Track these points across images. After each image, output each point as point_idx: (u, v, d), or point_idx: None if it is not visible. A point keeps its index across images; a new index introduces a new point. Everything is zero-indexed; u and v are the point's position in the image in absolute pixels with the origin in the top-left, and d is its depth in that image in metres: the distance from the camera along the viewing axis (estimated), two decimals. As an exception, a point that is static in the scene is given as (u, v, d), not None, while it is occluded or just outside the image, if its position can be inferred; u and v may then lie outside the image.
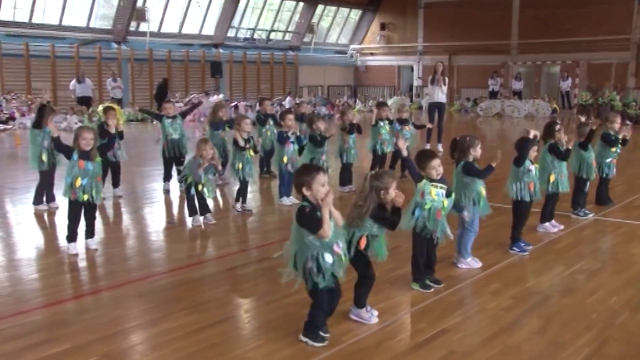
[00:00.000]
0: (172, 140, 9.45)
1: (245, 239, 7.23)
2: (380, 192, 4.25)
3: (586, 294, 5.15)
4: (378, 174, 4.32)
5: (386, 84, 34.14)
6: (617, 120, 8.32)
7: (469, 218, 5.70)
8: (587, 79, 27.38)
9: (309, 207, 3.88)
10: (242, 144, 7.92)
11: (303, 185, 3.91)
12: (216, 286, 5.31)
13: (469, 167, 5.71)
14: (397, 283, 5.22)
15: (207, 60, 27.29)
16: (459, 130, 19.73)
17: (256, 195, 9.41)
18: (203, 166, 7.15)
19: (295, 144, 8.54)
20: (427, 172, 5.03)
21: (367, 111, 28.28)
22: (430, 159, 5.04)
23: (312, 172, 3.94)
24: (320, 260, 3.90)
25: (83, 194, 6.12)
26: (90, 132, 6.27)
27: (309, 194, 3.90)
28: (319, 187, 3.89)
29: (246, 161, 7.96)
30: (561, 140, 7.03)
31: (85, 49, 23.45)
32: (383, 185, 4.25)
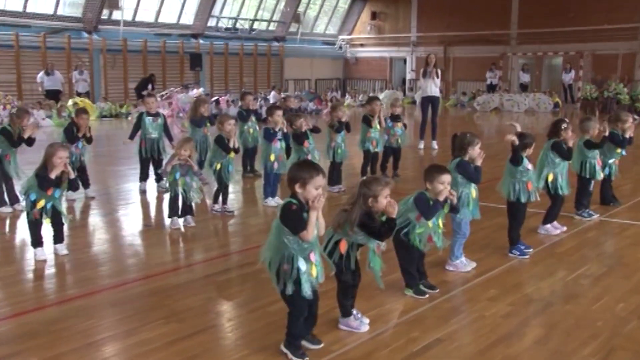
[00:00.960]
0: (151, 139, 9.37)
1: (227, 242, 7.22)
2: (369, 200, 4.24)
3: (591, 300, 5.18)
4: (368, 181, 4.31)
5: (377, 77, 34.21)
6: (628, 120, 8.25)
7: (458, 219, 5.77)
8: (591, 71, 27.53)
9: (296, 204, 3.86)
10: (231, 145, 7.85)
11: (297, 182, 3.87)
12: (196, 293, 5.29)
13: (464, 166, 5.74)
14: (389, 289, 5.23)
15: (186, 51, 27.20)
16: (454, 127, 19.79)
17: (239, 196, 9.40)
18: (171, 162, 7.16)
19: (282, 142, 8.54)
20: (433, 186, 5.03)
21: (358, 106, 28.34)
22: (441, 173, 5.05)
23: (312, 171, 3.90)
24: (294, 265, 3.89)
25: (46, 217, 6.11)
26: (65, 150, 6.07)
27: (300, 192, 3.88)
28: (312, 189, 3.87)
29: (226, 162, 7.94)
30: (567, 140, 7.07)
31: (53, 39, 23.28)
32: (372, 192, 4.23)
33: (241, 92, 14.33)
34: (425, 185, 5.09)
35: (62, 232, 6.36)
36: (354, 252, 4.36)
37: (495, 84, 29.36)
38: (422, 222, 5.03)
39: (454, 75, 31.71)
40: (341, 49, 34.90)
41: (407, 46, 33.19)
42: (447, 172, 5.10)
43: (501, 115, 24.98)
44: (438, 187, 5.01)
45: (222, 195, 8.11)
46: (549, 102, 26.06)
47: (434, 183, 5.02)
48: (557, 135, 7.16)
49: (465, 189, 5.74)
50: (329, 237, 4.36)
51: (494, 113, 25.80)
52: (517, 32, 29.93)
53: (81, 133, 8.55)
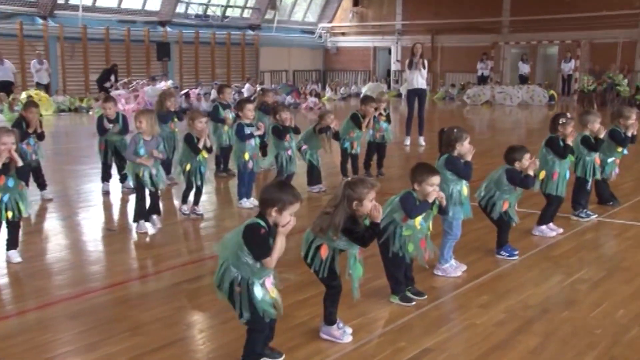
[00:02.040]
0: (110, 142, 9.24)
1: (198, 247, 7.19)
2: (353, 203, 4.23)
3: (589, 306, 5.22)
4: (353, 182, 4.29)
5: (360, 68, 34.29)
6: (632, 116, 8.21)
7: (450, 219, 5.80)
8: (589, 60, 27.77)
9: (264, 229, 3.79)
10: (201, 145, 7.78)
11: (275, 206, 3.79)
12: (164, 303, 5.26)
13: (453, 162, 5.77)
14: (373, 296, 5.23)
15: (153, 40, 27.06)
16: (442, 121, 19.88)
17: (212, 197, 9.36)
18: (135, 139, 7.13)
19: (256, 138, 8.52)
20: (421, 187, 5.03)
21: (339, 99, 28.38)
22: (430, 174, 5.05)
23: (293, 197, 3.84)
24: (249, 289, 3.85)
25: (5, 211, 6.02)
26: (10, 136, 5.91)
27: (274, 217, 3.81)
28: (287, 216, 3.83)
29: (197, 163, 7.88)
30: (566, 137, 7.10)
31: (3, 25, 23.00)
32: (356, 195, 4.22)
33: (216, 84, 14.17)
34: (413, 186, 5.10)
35: (16, 237, 6.28)
36: (336, 256, 4.36)
37: (487, 75, 29.55)
38: (408, 224, 5.03)
39: (442, 66, 31.88)
40: (321, 38, 34.94)
41: (392, 35, 33.31)
42: (436, 173, 5.10)
43: (493, 109, 25.15)
44: (427, 189, 5.02)
45: (194, 197, 8.07)
46: (544, 94, 26.27)
47: (423, 185, 5.02)
48: (555, 130, 7.20)
49: (455, 186, 5.77)
50: (309, 241, 4.35)
51: (485, 107, 25.97)
52: (509, 19, 30.17)
53: (31, 129, 8.37)
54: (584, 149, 7.73)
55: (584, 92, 24.18)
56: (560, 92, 28.02)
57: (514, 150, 6.42)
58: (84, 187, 10.06)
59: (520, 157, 6.32)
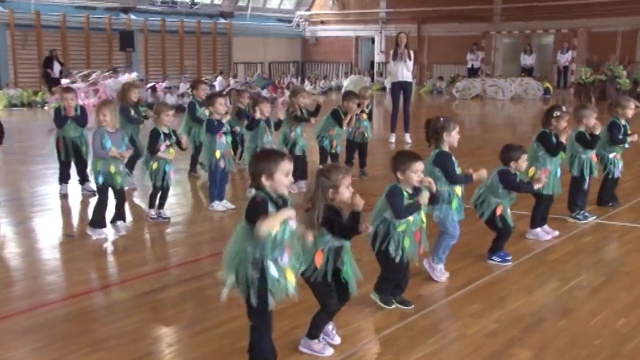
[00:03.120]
0: (69, 139, 9.16)
1: (166, 254, 7.15)
2: (329, 192, 4.24)
3: (588, 315, 5.26)
4: (326, 169, 4.32)
5: (341, 59, 34.34)
6: (630, 105, 8.36)
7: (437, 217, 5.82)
8: (587, 51, 27.99)
9: (262, 196, 3.85)
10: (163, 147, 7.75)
11: (262, 173, 3.87)
12: (129, 315, 5.23)
13: (443, 159, 5.78)
14: (357, 305, 5.24)
15: (115, 28, 26.91)
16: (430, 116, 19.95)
17: (181, 200, 9.32)
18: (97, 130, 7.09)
19: (228, 135, 8.49)
20: (405, 176, 5.04)
21: (318, 93, 28.40)
22: (413, 160, 5.05)
23: (276, 157, 3.93)
24: (265, 271, 3.86)
25: None
26: None
27: (269, 184, 3.88)
28: (282, 177, 3.89)
29: (163, 162, 7.85)
30: (559, 132, 7.16)
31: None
32: (331, 182, 4.23)
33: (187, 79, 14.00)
34: (396, 176, 5.10)
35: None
36: (331, 262, 4.33)
37: (477, 67, 29.69)
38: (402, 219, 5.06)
39: (430, 57, 32.01)
40: (299, 27, 34.94)
41: (376, 24, 33.40)
42: (419, 159, 5.10)
43: (484, 103, 25.30)
44: (411, 177, 5.02)
45: (160, 199, 8.04)
46: (538, 87, 26.45)
47: (407, 173, 5.02)
48: (548, 124, 7.25)
49: (445, 186, 5.77)
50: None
51: (475, 101, 26.12)
52: (501, 6, 30.33)
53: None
54: (579, 146, 7.76)
55: (581, 85, 24.39)
56: (555, 85, 28.22)
57: (510, 149, 6.45)
58: (39, 189, 9.97)
59: (517, 157, 6.36)
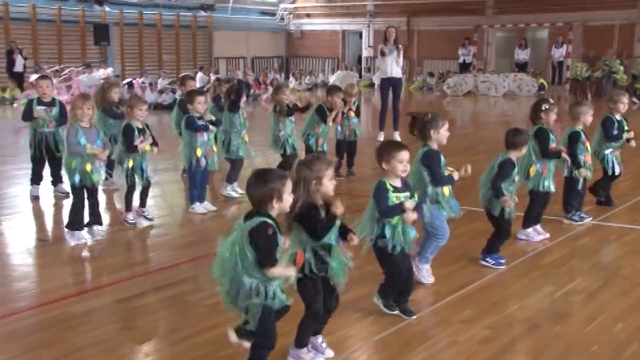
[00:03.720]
0: (42, 134, 9.11)
1: (144, 259, 7.12)
2: (312, 184, 4.23)
3: (584, 320, 5.28)
4: (308, 161, 4.31)
5: (327, 54, 34.33)
6: (622, 100, 8.43)
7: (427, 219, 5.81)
8: (582, 45, 28.10)
9: (272, 226, 3.83)
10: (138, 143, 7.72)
11: (272, 198, 3.86)
12: (104, 324, 5.21)
13: (430, 159, 5.74)
14: (346, 310, 5.23)
15: (89, 21, 26.78)
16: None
17: (159, 201, 9.28)
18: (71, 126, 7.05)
19: (209, 133, 8.45)
20: (390, 165, 5.04)
21: (303, 90, 28.39)
22: (398, 149, 5.04)
23: (282, 178, 3.92)
24: (268, 291, 3.90)
25: None
26: None
27: (277, 207, 3.89)
28: (289, 197, 3.92)
29: (140, 158, 7.83)
30: (550, 124, 7.20)
31: None
32: (314, 174, 4.23)
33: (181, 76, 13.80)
34: (381, 167, 5.09)
35: None
36: (318, 262, 4.31)
37: (469, 62, 29.75)
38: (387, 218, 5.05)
39: (420, 52, 32.06)
40: (283, 21, 34.91)
41: (363, 17, 33.41)
42: (404, 148, 5.09)
43: (476, 100, 25.35)
44: (396, 167, 5.01)
45: (140, 198, 8.03)
46: (532, 83, 26.54)
47: (392, 162, 5.01)
48: (538, 118, 7.28)
49: (432, 187, 5.77)
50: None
51: (467, 97, 26.16)
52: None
53: None
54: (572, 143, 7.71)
55: (577, 81, 24.49)
56: (550, 81, 28.32)
57: (518, 132, 6.45)
58: (8, 191, 9.91)
59: (525, 142, 6.39)
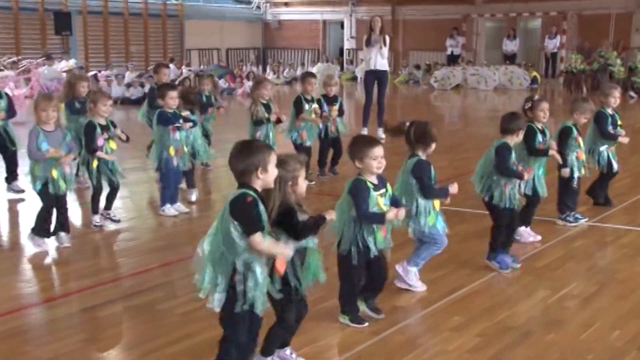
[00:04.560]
0: None
1: (111, 265, 7.08)
2: (288, 184, 4.26)
3: (579, 327, 5.32)
4: (282, 160, 4.30)
5: (307, 45, 34.27)
6: (614, 93, 8.51)
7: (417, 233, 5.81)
8: (577, 36, 28.22)
9: (252, 197, 3.88)
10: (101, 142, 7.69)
11: (257, 168, 3.93)
12: (67, 335, 5.17)
13: (421, 170, 5.70)
14: (325, 319, 5.25)
15: (49, 9, 26.59)
16: (406, 109, 20.05)
17: (127, 203, 9.21)
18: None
19: (181, 130, 8.41)
20: (364, 163, 5.06)
21: (282, 83, 28.36)
22: (370, 146, 5.07)
23: (264, 149, 4.00)
24: (251, 272, 3.91)
25: None
26: None
27: (262, 178, 3.95)
28: (273, 169, 3.99)
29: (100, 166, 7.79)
30: (539, 120, 7.24)
31: None
32: (290, 174, 4.27)
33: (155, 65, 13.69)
34: (355, 164, 5.12)
35: None
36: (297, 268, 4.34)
37: (457, 54, 29.79)
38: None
39: (405, 43, 32.04)
40: (259, 10, 34.82)
41: (345, 6, 33.36)
42: (378, 144, 5.12)
43: (465, 94, 25.40)
44: (370, 164, 5.04)
45: (107, 199, 8.00)
46: (524, 76, 26.60)
47: (365, 160, 5.04)
48: (527, 116, 7.30)
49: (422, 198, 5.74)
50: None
51: (455, 91, 26.20)
52: (483, -13, 30.48)
53: None
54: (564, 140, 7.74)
55: (571, 74, 24.49)
56: (543, 74, 28.41)
57: (514, 117, 6.46)
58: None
59: (523, 126, 6.41)
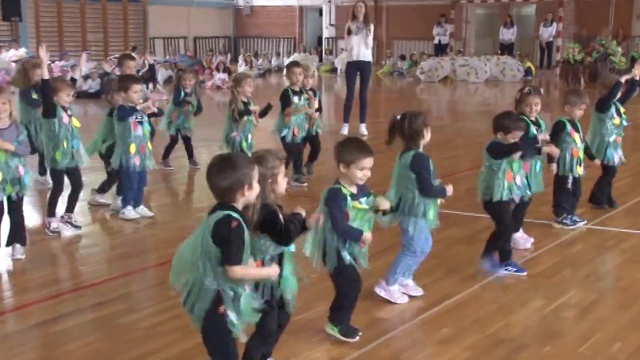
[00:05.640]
0: None
1: (68, 274, 7.07)
2: (268, 183, 4.28)
3: (577, 339, 5.34)
4: (260, 157, 4.34)
5: (282, 34, 34.27)
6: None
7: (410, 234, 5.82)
8: (574, 24, 28.37)
9: (237, 220, 3.86)
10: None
11: (243, 185, 3.91)
12: (19, 352, 5.15)
13: (420, 165, 5.68)
14: (304, 331, 5.25)
15: (-4, -7, 26.49)
16: (390, 103, 20.06)
17: (85, 206, 9.16)
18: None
19: (144, 126, 8.38)
20: (349, 170, 5.04)
21: (255, 76, 28.32)
22: (362, 155, 5.04)
23: (248, 164, 3.98)
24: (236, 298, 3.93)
25: None
26: None
27: (246, 197, 3.94)
28: (257, 185, 3.99)
29: (63, 155, 7.76)
30: (530, 114, 7.27)
31: None
32: (269, 171, 4.29)
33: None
34: (338, 167, 5.09)
35: None
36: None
37: (445, 43, 29.85)
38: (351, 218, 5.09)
39: (389, 32, 32.09)
40: (230, -6, 34.80)
41: (324, -9, 33.43)
42: (370, 154, 5.09)
43: (454, 87, 25.46)
44: (355, 174, 5.03)
45: (68, 202, 7.95)
46: (517, 67, 26.69)
47: (352, 168, 5.02)
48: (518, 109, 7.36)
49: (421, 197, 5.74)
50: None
51: (443, 84, 26.25)
52: (473, -30, 30.59)
53: None
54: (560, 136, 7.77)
55: (568, 64, 24.63)
56: (538, 65, 28.53)
57: (506, 117, 6.51)
58: None
59: (515, 127, 6.39)
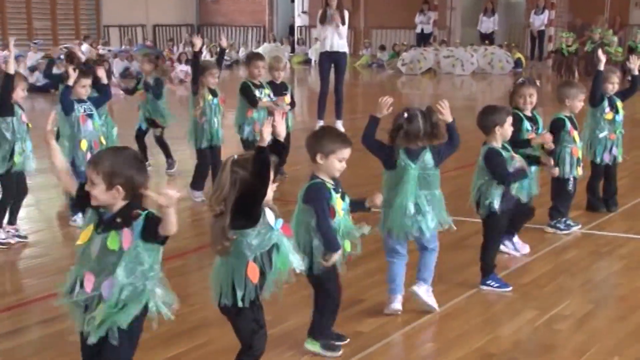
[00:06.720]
0: None
1: (14, 288, 7.07)
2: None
3: (572, 353, 5.39)
4: (241, 159, 4.36)
5: (250, 22, 34.23)
6: (612, 79, 8.62)
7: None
8: (568, 12, 28.55)
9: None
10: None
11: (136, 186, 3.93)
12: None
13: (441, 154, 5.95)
14: (279, 345, 5.25)
15: None
16: (369, 97, 20.09)
17: (32, 212, 9.11)
18: None
19: (95, 119, 8.34)
20: (328, 161, 5.08)
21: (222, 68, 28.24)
22: (342, 145, 5.11)
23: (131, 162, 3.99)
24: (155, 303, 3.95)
25: None
26: None
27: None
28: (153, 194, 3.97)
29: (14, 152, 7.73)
30: (524, 108, 7.34)
31: None
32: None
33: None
34: (315, 159, 5.13)
35: None
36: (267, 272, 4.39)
37: (428, 33, 29.89)
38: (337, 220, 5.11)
39: (367, 20, 32.14)
40: (191, -21, 34.72)
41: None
42: (350, 145, 5.15)
43: (438, 80, 25.54)
44: (334, 165, 5.08)
45: (10, 211, 7.90)
46: (507, 58, 26.81)
47: (331, 158, 5.07)
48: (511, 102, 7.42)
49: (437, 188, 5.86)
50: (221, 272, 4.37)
51: (427, 76, 26.31)
52: (458, -47, 30.71)
53: None
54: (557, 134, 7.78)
55: (561, 55, 24.76)
56: (529, 55, 28.67)
57: (492, 111, 6.54)
58: None
59: (502, 121, 6.42)
